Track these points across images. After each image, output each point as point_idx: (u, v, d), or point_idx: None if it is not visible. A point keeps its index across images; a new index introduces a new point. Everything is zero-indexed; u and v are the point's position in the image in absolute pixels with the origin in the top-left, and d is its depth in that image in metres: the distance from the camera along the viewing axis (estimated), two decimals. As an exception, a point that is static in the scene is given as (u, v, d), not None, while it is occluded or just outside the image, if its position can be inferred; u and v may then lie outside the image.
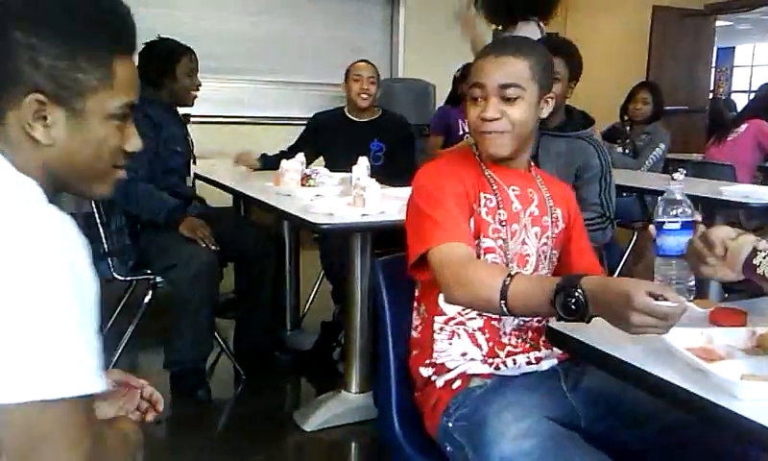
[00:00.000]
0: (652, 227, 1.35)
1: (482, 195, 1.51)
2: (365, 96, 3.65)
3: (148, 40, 2.95)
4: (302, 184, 2.99)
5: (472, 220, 1.50)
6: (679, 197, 1.34)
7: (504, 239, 1.51)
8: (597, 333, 1.19)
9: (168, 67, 2.98)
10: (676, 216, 1.32)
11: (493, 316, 1.49)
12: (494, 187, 1.54)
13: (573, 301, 1.15)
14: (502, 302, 1.27)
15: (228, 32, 5.82)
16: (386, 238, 2.46)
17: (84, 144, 0.95)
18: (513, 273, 1.31)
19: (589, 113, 2.60)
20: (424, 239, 1.43)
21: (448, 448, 1.44)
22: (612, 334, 1.15)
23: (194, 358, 2.79)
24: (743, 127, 4.52)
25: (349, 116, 3.74)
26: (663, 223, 1.33)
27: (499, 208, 1.52)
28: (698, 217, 1.34)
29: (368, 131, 3.68)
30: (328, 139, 3.66)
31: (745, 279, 1.22)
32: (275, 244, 3.27)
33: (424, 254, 1.42)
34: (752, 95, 6.78)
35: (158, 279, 2.83)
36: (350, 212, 2.46)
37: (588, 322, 1.16)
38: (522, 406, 1.35)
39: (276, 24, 6.12)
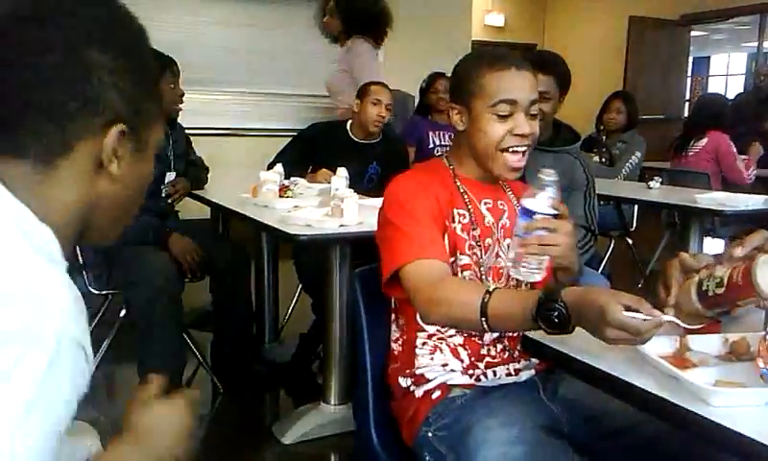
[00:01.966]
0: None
1: (455, 211, 1.51)
2: (379, 123, 3.50)
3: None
4: (281, 195, 2.97)
5: (447, 236, 1.48)
6: (543, 184, 1.31)
7: (479, 254, 1.51)
8: (572, 342, 1.19)
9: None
10: (528, 200, 1.32)
11: (474, 332, 1.48)
12: (467, 202, 1.53)
13: (556, 314, 1.15)
14: (483, 319, 1.25)
15: (209, 43, 5.79)
16: (365, 249, 2.45)
17: (138, 179, 0.88)
18: (490, 289, 1.27)
19: (568, 124, 2.62)
20: (396, 256, 1.40)
21: (427, 458, 1.43)
22: (587, 343, 1.15)
23: (166, 374, 2.75)
24: (704, 140, 4.59)
25: (352, 136, 3.56)
26: (518, 205, 1.38)
27: (473, 224, 1.52)
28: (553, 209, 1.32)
29: (368, 153, 3.56)
30: (326, 154, 3.46)
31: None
32: (250, 257, 3.25)
33: (397, 271, 1.39)
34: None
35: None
36: (328, 223, 2.45)
37: (570, 332, 1.15)
38: (506, 414, 1.35)
39: (257, 35, 6.10)
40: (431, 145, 4.46)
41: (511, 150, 1.48)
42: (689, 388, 1.00)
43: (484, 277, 1.51)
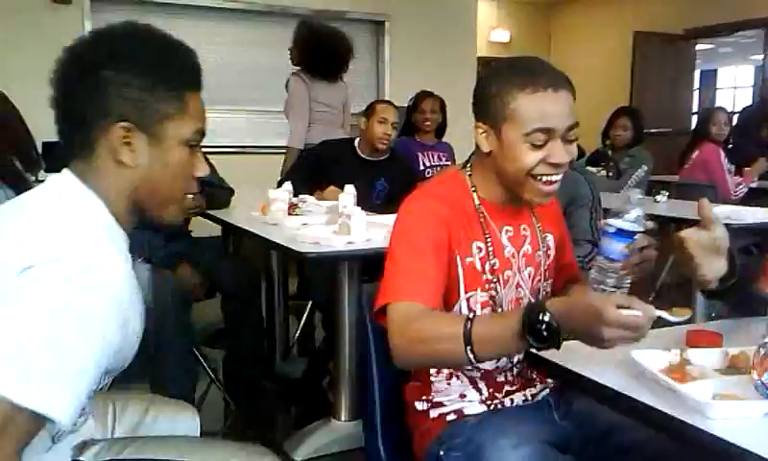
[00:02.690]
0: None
1: (473, 244, 1.42)
2: (385, 141, 3.55)
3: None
4: (290, 213, 3.01)
5: (461, 271, 1.40)
6: (632, 205, 1.34)
7: (497, 290, 1.44)
8: (575, 356, 1.21)
9: None
10: (617, 221, 1.33)
11: (487, 366, 1.44)
12: (486, 232, 1.44)
13: (544, 327, 1.11)
14: (468, 348, 1.18)
15: (220, 62, 5.86)
16: (373, 266, 2.47)
17: (163, 167, 1.12)
18: (470, 317, 1.21)
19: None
20: (387, 290, 1.33)
21: None
22: (589, 357, 1.18)
23: (179, 392, 2.79)
24: (696, 153, 4.61)
25: (360, 153, 3.62)
26: (610, 226, 1.34)
27: (489, 255, 1.43)
28: (647, 226, 1.34)
29: (376, 170, 3.61)
30: (334, 171, 3.49)
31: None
32: (261, 274, 3.29)
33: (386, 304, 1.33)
34: (735, 116, 6.90)
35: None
36: (336, 240, 2.48)
37: (559, 347, 1.13)
38: (518, 433, 1.32)
39: (266, 54, 6.18)
40: (421, 167, 4.40)
41: (544, 178, 1.36)
42: (688, 401, 1.02)
43: (501, 310, 1.44)
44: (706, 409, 1.00)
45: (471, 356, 1.19)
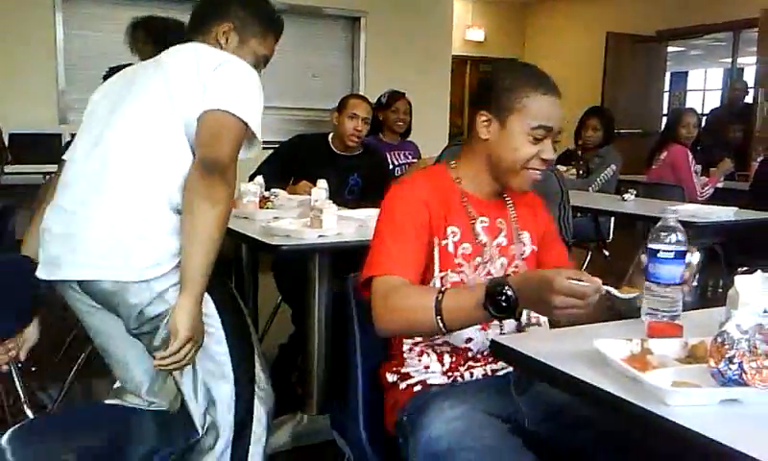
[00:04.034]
0: (643, 256, 1.39)
1: (449, 229, 1.54)
2: (356, 138, 3.56)
3: (113, 65, 2.95)
4: (261, 207, 3.00)
5: (437, 252, 1.53)
6: (672, 224, 1.37)
7: (466, 273, 1.55)
8: (538, 345, 1.24)
9: None
10: (670, 245, 1.35)
11: (459, 344, 1.54)
12: (466, 217, 1.56)
13: (504, 298, 1.25)
14: (438, 318, 1.33)
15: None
16: (345, 260, 2.48)
17: (246, 57, 1.82)
18: (443, 290, 1.36)
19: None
20: (372, 264, 1.48)
21: (400, 441, 1.52)
22: (551, 346, 1.21)
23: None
24: (664, 154, 4.69)
25: (333, 148, 3.63)
26: (658, 251, 1.35)
27: (464, 242, 1.55)
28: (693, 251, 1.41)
29: (348, 165, 3.61)
30: (307, 166, 3.51)
31: None
32: (231, 269, 3.26)
33: (371, 278, 1.47)
34: (704, 118, 7.02)
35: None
36: (307, 233, 2.48)
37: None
38: (458, 398, 1.43)
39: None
40: (390, 166, 4.45)
41: (534, 172, 1.54)
42: (648, 388, 1.04)
43: None
44: (664, 396, 1.01)
45: (441, 325, 1.34)
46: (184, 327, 1.54)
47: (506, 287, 1.25)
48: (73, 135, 3.82)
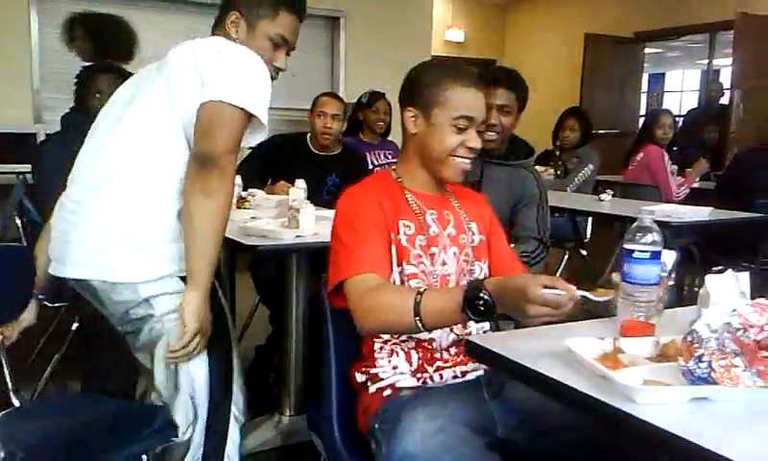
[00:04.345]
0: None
1: (401, 223, 1.58)
2: (327, 135, 3.57)
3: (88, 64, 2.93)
4: (238, 207, 2.98)
5: (394, 248, 1.56)
6: (648, 224, 1.37)
7: (425, 263, 1.58)
8: (510, 344, 1.25)
9: (90, 84, 2.93)
10: (646, 245, 1.35)
11: (423, 337, 1.56)
12: (416, 212, 1.61)
13: (482, 303, 1.27)
14: (417, 319, 1.36)
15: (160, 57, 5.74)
16: (322, 260, 2.46)
17: (252, 47, 1.74)
18: (421, 291, 1.38)
19: (524, 137, 2.69)
20: (339, 270, 1.49)
21: (373, 447, 1.53)
22: (525, 345, 1.21)
23: (121, 387, 2.73)
24: (640, 154, 4.73)
25: (311, 148, 3.64)
26: (633, 251, 1.36)
27: (419, 234, 1.59)
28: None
29: (326, 165, 3.62)
30: (286, 165, 3.53)
31: None
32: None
33: (340, 284, 1.49)
34: (681, 119, 7.09)
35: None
36: (284, 233, 2.47)
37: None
38: (435, 409, 1.42)
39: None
40: (370, 166, 4.44)
41: (461, 160, 1.60)
42: (618, 387, 1.04)
43: (433, 284, 1.58)
44: (635, 394, 1.02)
45: (420, 326, 1.37)
46: (192, 320, 1.59)
47: (483, 292, 1.28)
48: (47, 134, 3.79)
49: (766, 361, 1.03)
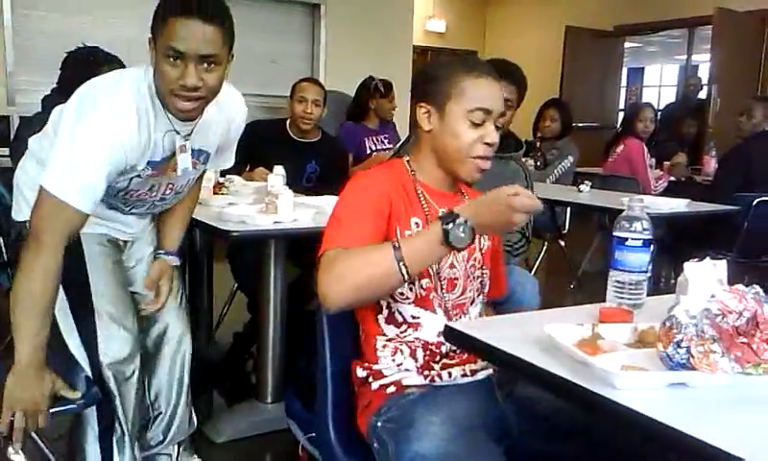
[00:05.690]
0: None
1: (412, 220, 1.51)
2: (307, 121, 3.55)
3: (70, 49, 2.87)
4: (215, 193, 2.95)
5: None
6: (638, 213, 1.39)
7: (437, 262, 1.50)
8: (491, 330, 1.24)
9: (89, 76, 2.88)
10: (637, 233, 1.38)
11: (427, 338, 1.50)
12: (425, 211, 1.53)
13: (462, 229, 1.28)
14: (400, 263, 1.30)
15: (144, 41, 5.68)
16: (301, 247, 2.44)
17: (156, 61, 1.66)
18: (394, 241, 1.34)
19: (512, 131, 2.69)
20: (326, 240, 1.41)
21: (375, 446, 1.45)
22: (505, 331, 1.20)
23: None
24: (620, 147, 4.77)
25: (290, 134, 3.62)
26: (626, 239, 1.38)
27: None
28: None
29: (306, 151, 3.60)
30: (265, 152, 3.46)
31: None
32: (185, 257, 3.20)
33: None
34: (659, 113, 7.14)
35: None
36: (263, 219, 2.44)
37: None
38: (450, 411, 1.36)
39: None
40: (368, 151, 4.45)
41: (480, 160, 1.51)
42: (597, 373, 1.04)
43: (442, 286, 1.53)
44: (613, 379, 1.02)
45: (404, 270, 1.30)
46: (15, 400, 1.57)
47: (459, 218, 1.28)
48: (21, 118, 3.71)
49: (744, 347, 1.04)
